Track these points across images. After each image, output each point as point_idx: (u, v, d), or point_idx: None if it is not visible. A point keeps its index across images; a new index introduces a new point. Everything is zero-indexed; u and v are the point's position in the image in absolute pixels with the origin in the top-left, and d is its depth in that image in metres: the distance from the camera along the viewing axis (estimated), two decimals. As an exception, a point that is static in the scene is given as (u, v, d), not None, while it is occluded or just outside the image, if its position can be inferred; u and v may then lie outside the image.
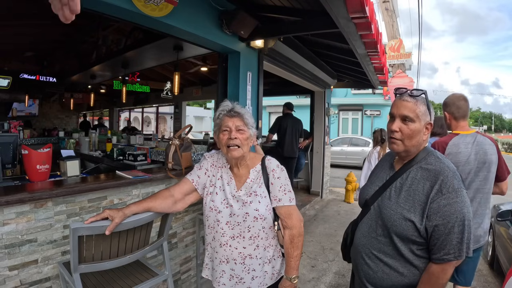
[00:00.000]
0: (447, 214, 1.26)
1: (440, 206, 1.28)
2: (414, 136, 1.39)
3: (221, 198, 1.65)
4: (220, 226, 1.63)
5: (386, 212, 1.40)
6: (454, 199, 1.27)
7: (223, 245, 1.63)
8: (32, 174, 2.52)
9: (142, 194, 2.63)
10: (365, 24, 3.06)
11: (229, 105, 1.67)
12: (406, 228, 1.33)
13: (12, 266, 1.85)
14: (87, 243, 1.50)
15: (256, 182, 1.66)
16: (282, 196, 1.64)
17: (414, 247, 1.36)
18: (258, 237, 1.63)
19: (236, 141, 1.59)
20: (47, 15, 4.64)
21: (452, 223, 1.26)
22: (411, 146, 1.41)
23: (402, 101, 1.41)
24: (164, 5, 2.75)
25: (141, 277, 1.83)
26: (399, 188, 1.42)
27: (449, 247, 1.27)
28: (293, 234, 1.64)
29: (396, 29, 7.62)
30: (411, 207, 1.34)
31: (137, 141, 5.41)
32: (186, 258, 3.12)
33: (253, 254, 1.63)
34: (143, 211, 1.61)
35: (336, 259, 4.20)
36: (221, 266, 1.65)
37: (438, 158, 1.40)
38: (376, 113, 20.59)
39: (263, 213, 1.61)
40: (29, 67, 7.58)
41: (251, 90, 4.09)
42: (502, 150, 28.75)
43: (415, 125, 1.38)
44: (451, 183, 1.29)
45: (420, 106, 1.38)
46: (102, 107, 14.01)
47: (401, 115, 1.40)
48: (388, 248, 1.41)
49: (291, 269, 1.65)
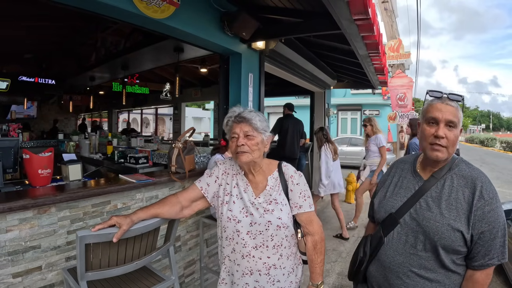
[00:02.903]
0: (492, 220, 1.25)
1: (484, 212, 1.25)
2: (456, 142, 1.32)
3: (240, 207, 1.59)
4: (240, 236, 1.56)
5: (430, 225, 1.30)
6: (495, 204, 1.26)
7: (246, 256, 1.56)
8: (33, 179, 2.50)
9: (145, 198, 2.61)
10: (368, 25, 3.05)
11: (236, 111, 1.60)
12: (454, 239, 1.27)
13: (16, 273, 1.83)
14: (94, 251, 1.47)
15: (275, 190, 1.61)
16: (303, 202, 1.60)
17: (455, 257, 1.31)
18: (281, 246, 1.58)
19: (243, 148, 1.53)
20: (46, 16, 4.65)
21: (496, 228, 1.25)
22: (452, 153, 1.34)
23: (446, 105, 1.32)
24: (166, 7, 2.73)
25: (148, 283, 1.80)
26: (436, 198, 1.33)
27: (494, 252, 1.25)
28: (316, 240, 1.62)
29: (395, 29, 7.62)
30: (457, 217, 1.28)
31: (138, 143, 5.38)
32: (190, 261, 3.10)
33: (277, 264, 1.57)
34: (150, 218, 1.58)
35: (339, 260, 4.18)
36: (244, 279, 1.57)
37: (468, 164, 1.38)
38: (375, 112, 20.59)
39: (285, 222, 1.56)
40: (28, 69, 7.55)
41: (253, 92, 4.07)
42: (500, 149, 28.86)
43: (457, 131, 1.32)
44: (490, 189, 1.28)
45: (460, 111, 1.33)
46: (101, 109, 13.98)
47: (447, 120, 1.31)
48: (429, 262, 1.33)
49: (316, 275, 1.63)
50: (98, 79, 8.33)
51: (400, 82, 7.58)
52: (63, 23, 5.07)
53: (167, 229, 1.92)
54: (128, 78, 7.72)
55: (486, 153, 24.08)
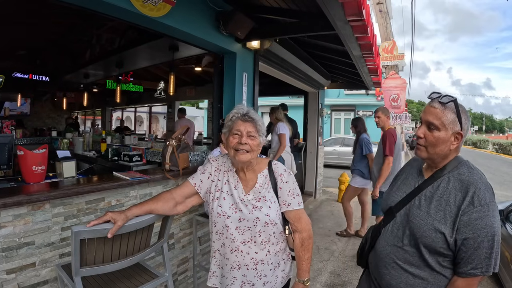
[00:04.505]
0: (477, 227, 1.21)
1: (471, 219, 1.22)
2: (438, 144, 1.34)
3: (229, 203, 1.63)
4: (229, 231, 1.60)
5: (416, 222, 1.34)
6: (485, 212, 1.22)
7: (234, 250, 1.60)
8: (27, 175, 2.49)
9: (139, 195, 2.62)
10: (362, 26, 3.08)
11: (244, 109, 1.65)
12: (436, 240, 1.28)
13: (10, 269, 1.83)
14: (89, 246, 1.49)
15: (264, 187, 1.65)
16: (291, 200, 1.64)
17: (440, 259, 1.31)
18: (269, 242, 1.62)
19: (245, 147, 1.57)
20: (41, 13, 4.63)
21: (482, 237, 1.20)
22: (434, 154, 1.37)
23: (430, 107, 1.36)
24: (162, 5, 2.74)
25: (142, 279, 1.82)
26: (429, 197, 1.36)
27: (477, 262, 1.22)
28: (304, 237, 1.66)
29: (390, 31, 7.68)
30: (442, 218, 1.28)
31: (131, 141, 5.37)
32: (183, 259, 3.11)
33: (265, 259, 1.62)
34: (144, 214, 1.60)
35: (331, 259, 4.22)
36: (232, 272, 1.62)
37: (470, 168, 1.36)
38: (368, 113, 20.72)
39: (273, 219, 1.61)
40: (22, 65, 7.48)
41: (247, 91, 4.09)
42: (493, 150, 29.15)
43: (440, 134, 1.33)
44: (483, 196, 1.24)
45: (448, 114, 1.31)
46: (94, 107, 13.89)
47: (426, 122, 1.36)
48: (414, 258, 1.36)
49: (303, 272, 1.67)
50: (92, 77, 8.28)
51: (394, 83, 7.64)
52: (59, 20, 5.04)
53: (161, 226, 1.94)
54: (123, 75, 7.68)
55: (478, 155, 24.35)
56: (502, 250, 3.38)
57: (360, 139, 5.03)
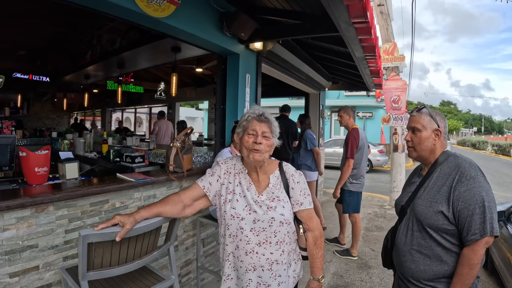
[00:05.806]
0: (467, 198, 1.45)
1: (460, 192, 1.47)
2: (422, 142, 1.65)
3: (243, 205, 1.62)
4: (244, 233, 1.59)
5: (418, 209, 1.59)
6: (472, 184, 1.46)
7: (249, 252, 1.60)
8: (30, 177, 2.47)
9: (143, 197, 2.60)
10: (366, 28, 3.07)
11: (260, 110, 1.66)
12: (436, 218, 1.52)
13: (13, 273, 1.81)
14: (97, 250, 1.47)
15: (277, 188, 1.67)
16: (304, 200, 1.67)
17: (448, 236, 1.51)
18: (283, 242, 1.63)
19: (260, 147, 1.58)
20: (41, 13, 4.60)
21: (473, 205, 1.43)
22: (421, 150, 1.67)
23: (410, 116, 1.72)
24: (166, 6, 2.72)
25: (148, 282, 1.80)
26: (427, 187, 1.62)
27: (474, 228, 1.42)
28: (316, 236, 1.70)
29: (391, 33, 7.65)
30: (439, 199, 1.53)
31: (133, 142, 5.34)
32: (187, 261, 3.10)
33: (279, 259, 1.62)
34: (153, 217, 1.59)
35: (334, 260, 4.21)
36: (247, 274, 1.61)
37: (457, 156, 1.61)
38: (368, 115, 20.71)
39: (288, 218, 1.63)
40: (22, 66, 7.45)
41: (250, 92, 4.08)
42: (492, 152, 29.20)
43: (422, 134, 1.65)
44: (468, 172, 1.50)
45: (424, 117, 1.66)
46: (94, 107, 13.85)
47: (410, 127, 1.70)
48: (425, 240, 1.57)
49: (317, 269, 1.72)
50: (93, 77, 8.26)
51: (395, 84, 7.60)
52: (59, 20, 5.01)
53: (168, 228, 1.91)
54: (123, 76, 7.66)
55: (477, 156, 24.37)
56: (503, 251, 3.38)
57: (305, 134, 5.25)
